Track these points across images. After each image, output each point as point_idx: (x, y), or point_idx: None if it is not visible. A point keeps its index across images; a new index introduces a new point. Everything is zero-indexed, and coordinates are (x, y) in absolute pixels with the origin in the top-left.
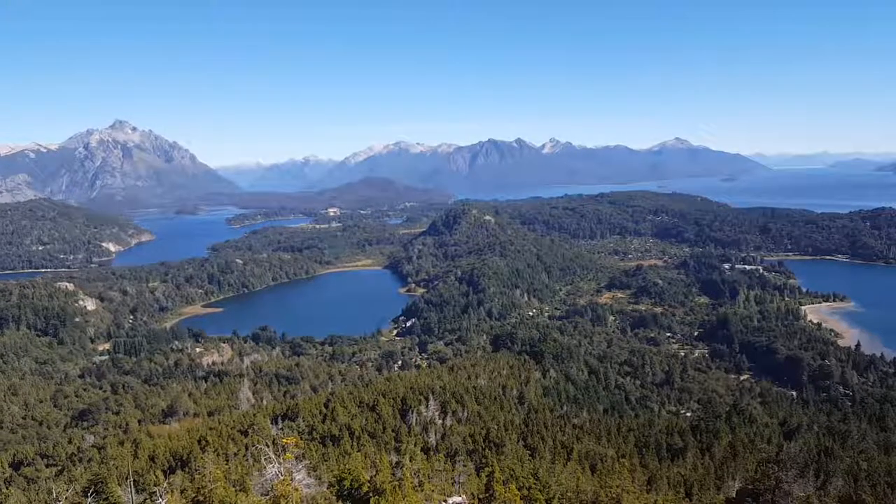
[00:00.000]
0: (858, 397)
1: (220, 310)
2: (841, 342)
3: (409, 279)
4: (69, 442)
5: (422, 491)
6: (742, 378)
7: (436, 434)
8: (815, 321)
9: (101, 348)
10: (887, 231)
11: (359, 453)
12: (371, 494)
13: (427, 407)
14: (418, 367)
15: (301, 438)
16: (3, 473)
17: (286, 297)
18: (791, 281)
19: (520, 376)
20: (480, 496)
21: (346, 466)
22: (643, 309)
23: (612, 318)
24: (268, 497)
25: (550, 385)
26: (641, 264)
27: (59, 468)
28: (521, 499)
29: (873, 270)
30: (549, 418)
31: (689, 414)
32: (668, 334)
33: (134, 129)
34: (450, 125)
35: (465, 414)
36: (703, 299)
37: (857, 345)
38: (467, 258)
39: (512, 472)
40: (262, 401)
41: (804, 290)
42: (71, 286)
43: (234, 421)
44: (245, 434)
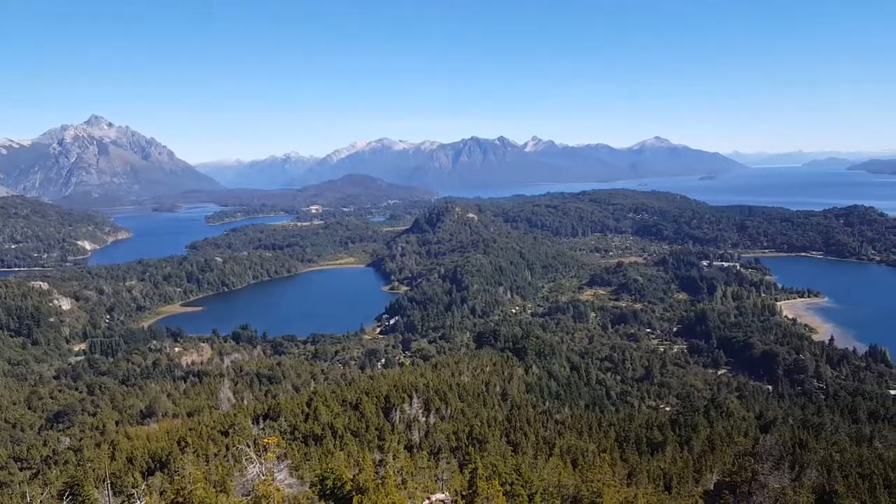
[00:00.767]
0: (832, 390)
1: (199, 309)
2: (815, 337)
3: (393, 277)
4: (44, 444)
5: (405, 489)
6: (720, 373)
7: (419, 432)
8: (791, 317)
9: (76, 349)
10: (860, 228)
11: (341, 452)
12: (354, 493)
13: (410, 405)
14: (402, 365)
15: (283, 438)
16: None
17: (267, 296)
18: (767, 277)
19: (503, 373)
20: (464, 493)
21: (329, 465)
22: (624, 305)
23: (593, 314)
24: (249, 497)
25: (533, 381)
26: (622, 261)
27: (33, 471)
28: (503, 494)
29: (846, 267)
30: (532, 414)
31: (668, 408)
32: (648, 330)
33: (110, 124)
34: (433, 123)
35: (449, 411)
36: (681, 296)
37: (831, 339)
38: (451, 256)
39: (495, 469)
40: (242, 401)
41: (780, 286)
42: (45, 285)
43: (214, 421)
44: (226, 434)
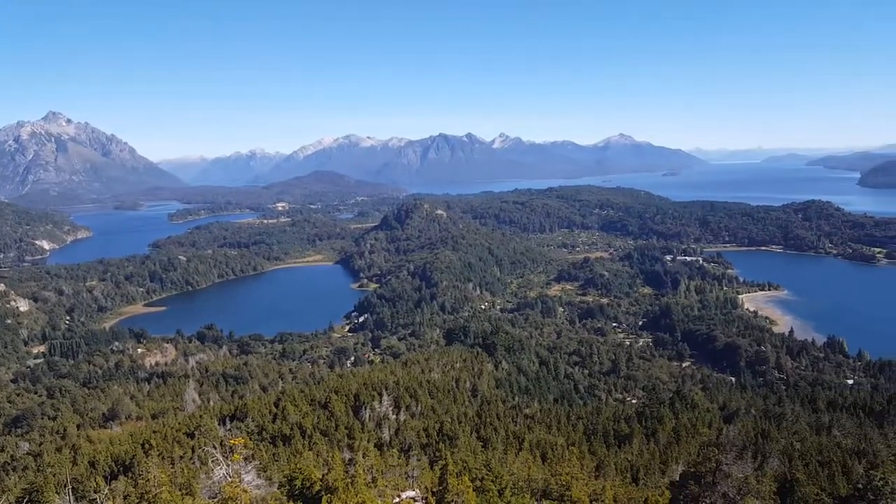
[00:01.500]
0: (792, 381)
1: (162, 308)
2: (775, 329)
3: (362, 274)
4: (2, 450)
5: (375, 487)
6: (684, 365)
7: (389, 429)
8: (752, 309)
9: (35, 351)
10: (817, 222)
11: (310, 452)
12: (323, 493)
13: (380, 402)
14: (371, 362)
15: (250, 439)
16: None
17: (233, 295)
18: (729, 271)
19: (473, 369)
20: (434, 489)
21: (298, 465)
22: (590, 300)
23: (561, 309)
24: (216, 500)
25: (503, 377)
26: (588, 257)
27: None
28: (473, 490)
29: (805, 260)
30: (502, 409)
31: (634, 401)
32: (615, 324)
33: (69, 121)
34: (400, 119)
35: (419, 408)
36: (646, 290)
37: (791, 331)
38: (420, 252)
39: (465, 464)
40: (208, 402)
41: (741, 279)
42: (1, 286)
43: (179, 423)
44: (191, 436)
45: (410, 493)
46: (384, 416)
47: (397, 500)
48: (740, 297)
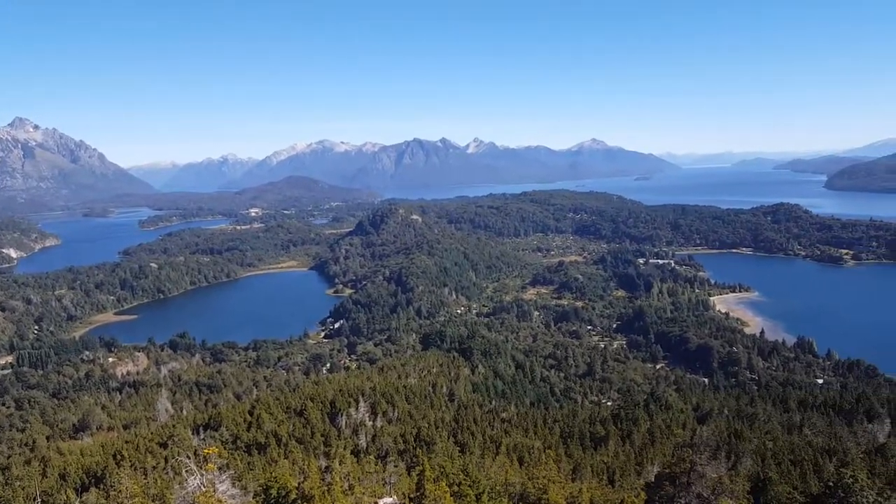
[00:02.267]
0: (763, 381)
1: (134, 317)
2: (747, 330)
3: (337, 280)
4: None
5: (352, 494)
6: (658, 367)
7: (366, 436)
8: (723, 311)
9: (2, 361)
10: (786, 225)
11: (286, 460)
12: (299, 501)
13: (357, 409)
14: (347, 368)
15: (224, 448)
16: None
17: (206, 302)
18: (700, 273)
19: (449, 374)
20: (411, 495)
21: (273, 474)
22: (565, 303)
23: (536, 313)
24: None
25: (479, 381)
26: (563, 260)
27: None
28: (451, 495)
29: (774, 262)
30: (479, 414)
31: (609, 403)
32: (589, 327)
33: (36, 126)
34: (374, 124)
35: (396, 414)
36: (620, 293)
37: (762, 332)
38: (395, 258)
39: (442, 470)
40: (181, 411)
41: (712, 281)
42: None
43: (151, 433)
44: (164, 446)
45: (388, 500)
46: (361, 423)
47: None
48: (712, 298)
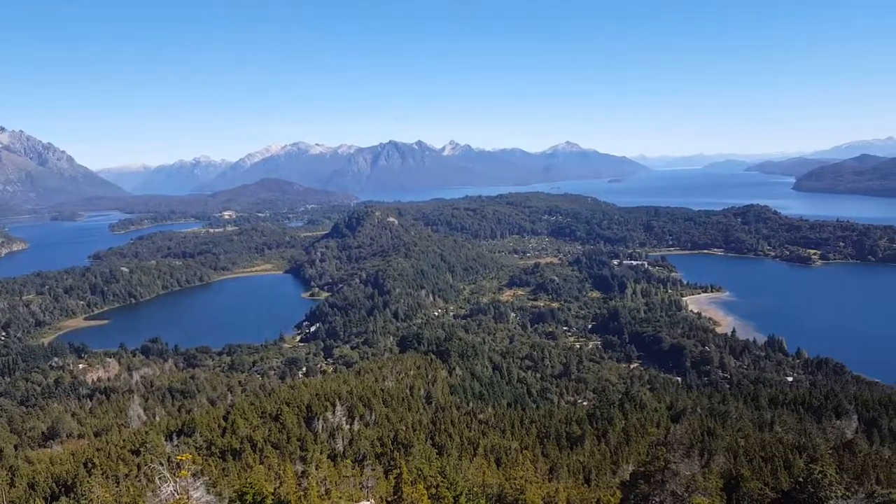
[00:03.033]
0: (735, 380)
1: (104, 322)
2: (719, 329)
3: (313, 283)
4: None
5: (328, 498)
6: (632, 366)
7: (343, 440)
8: (696, 311)
9: None
10: (756, 226)
11: (261, 465)
12: None
13: (334, 413)
14: (324, 372)
15: (198, 454)
16: None
17: (178, 307)
18: (673, 274)
19: (427, 376)
20: (389, 499)
21: (248, 480)
22: (541, 305)
23: (513, 314)
24: None
25: (457, 383)
26: (539, 262)
27: None
28: (428, 498)
29: (745, 262)
30: (456, 416)
31: (585, 403)
32: (565, 328)
33: (2, 129)
34: (350, 126)
35: (373, 417)
36: (595, 293)
37: (733, 331)
38: (372, 260)
39: (420, 472)
40: (154, 417)
41: (685, 282)
42: None
43: (123, 440)
44: (137, 453)
45: None
46: (338, 427)
47: None
48: (684, 299)
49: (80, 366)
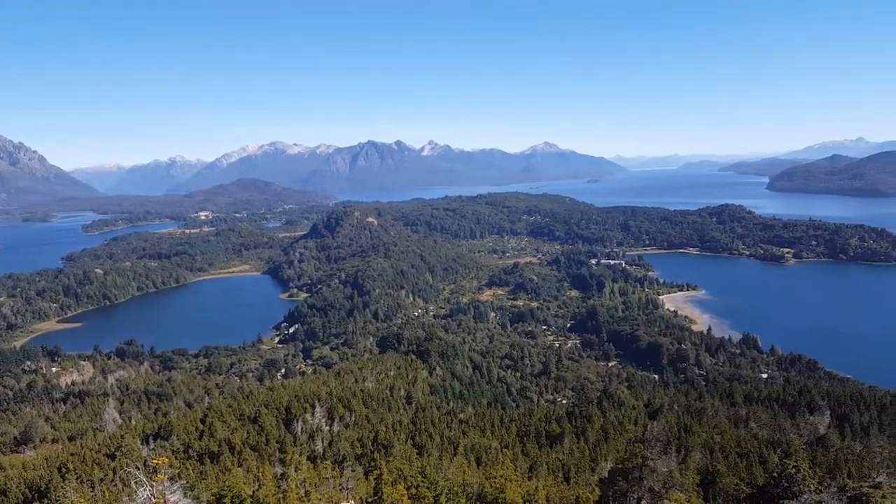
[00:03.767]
0: (711, 377)
1: (78, 325)
2: (695, 327)
3: (291, 284)
4: None
5: (308, 500)
6: (610, 364)
7: (323, 441)
8: (672, 309)
9: None
10: (730, 225)
11: (240, 468)
12: None
13: (313, 414)
14: (303, 374)
15: (175, 457)
16: None
17: (154, 308)
18: (650, 273)
19: (407, 376)
20: (369, 500)
21: (227, 483)
22: (521, 304)
23: (493, 314)
24: None
25: (437, 383)
26: (518, 262)
27: None
28: (409, 498)
29: (720, 261)
30: (437, 416)
31: (564, 401)
32: (544, 327)
33: None
34: (328, 126)
35: (353, 418)
36: (573, 293)
37: (709, 329)
38: (351, 260)
39: (400, 472)
40: (130, 421)
41: (661, 281)
42: None
43: (98, 444)
44: (112, 458)
45: None
46: (317, 428)
47: None
48: (661, 297)
49: (54, 369)
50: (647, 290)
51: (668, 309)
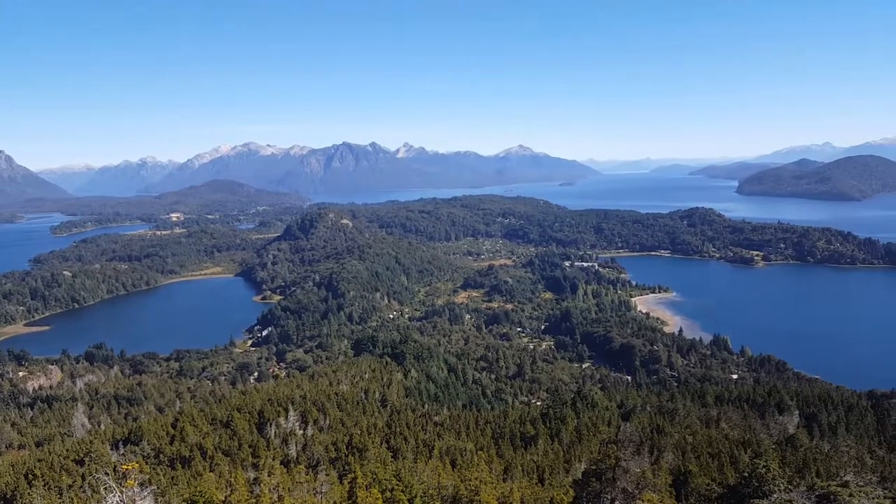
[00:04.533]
0: (683, 378)
1: (46, 328)
2: (666, 329)
3: (264, 286)
4: None
5: None
6: (584, 366)
7: (296, 445)
8: (644, 311)
9: None
10: (701, 228)
11: (212, 473)
12: None
13: (286, 418)
14: (276, 377)
15: (146, 463)
16: None
17: (124, 311)
18: (623, 275)
19: (382, 379)
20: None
21: (198, 488)
22: (496, 306)
23: (468, 316)
24: None
25: (412, 385)
26: (493, 264)
27: None
28: (384, 501)
29: (690, 263)
30: (412, 418)
31: (539, 403)
32: (519, 329)
33: None
34: (302, 127)
35: (328, 422)
36: (548, 295)
37: (680, 331)
38: (325, 263)
39: (375, 476)
40: (99, 425)
41: (634, 283)
42: None
43: (67, 450)
44: (81, 463)
45: None
46: (291, 432)
47: None
48: (633, 299)
49: (21, 373)
50: (619, 292)
51: (640, 311)
